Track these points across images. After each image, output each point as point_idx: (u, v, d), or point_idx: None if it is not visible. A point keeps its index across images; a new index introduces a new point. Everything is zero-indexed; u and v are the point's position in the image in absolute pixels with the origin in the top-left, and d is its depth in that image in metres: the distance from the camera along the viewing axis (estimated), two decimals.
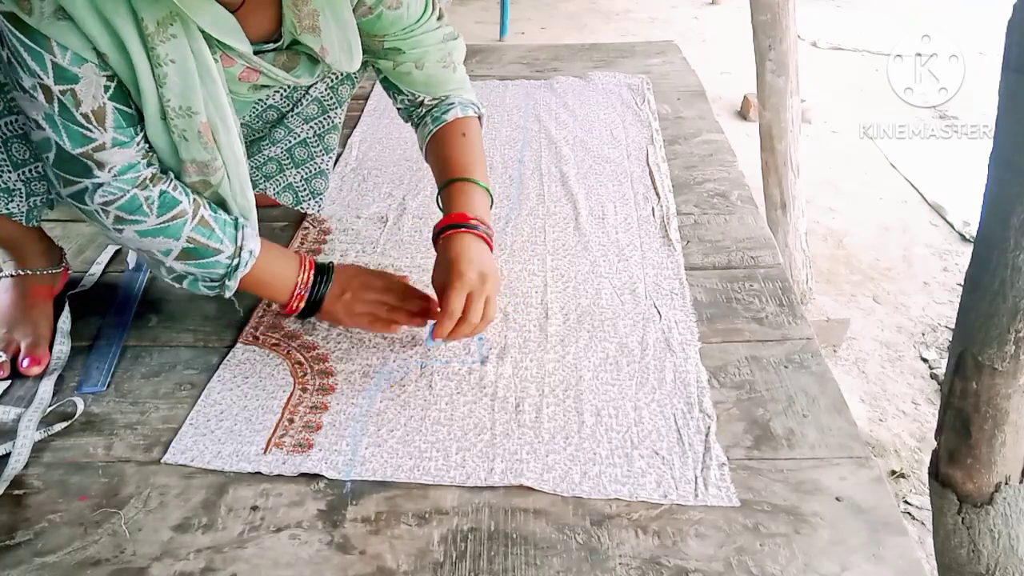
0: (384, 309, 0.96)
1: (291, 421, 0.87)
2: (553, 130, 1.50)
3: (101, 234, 0.90)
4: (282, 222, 1.24)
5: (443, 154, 1.01)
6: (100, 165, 0.79)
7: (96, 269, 1.12)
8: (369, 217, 1.25)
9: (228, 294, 0.91)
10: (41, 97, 0.74)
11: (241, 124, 1.06)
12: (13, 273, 0.99)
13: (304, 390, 0.91)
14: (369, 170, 1.39)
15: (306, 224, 1.23)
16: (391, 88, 1.05)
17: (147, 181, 0.83)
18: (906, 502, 1.62)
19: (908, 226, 2.54)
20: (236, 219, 0.90)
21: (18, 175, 0.89)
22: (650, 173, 1.35)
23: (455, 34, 0.99)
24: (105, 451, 0.84)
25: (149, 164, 0.83)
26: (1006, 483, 0.89)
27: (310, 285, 0.93)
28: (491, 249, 0.94)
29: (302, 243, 1.18)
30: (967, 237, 2.44)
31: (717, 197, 1.30)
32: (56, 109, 0.75)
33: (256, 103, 1.09)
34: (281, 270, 0.93)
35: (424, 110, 1.04)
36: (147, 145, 0.83)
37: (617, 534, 0.74)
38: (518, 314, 1.03)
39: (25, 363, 0.93)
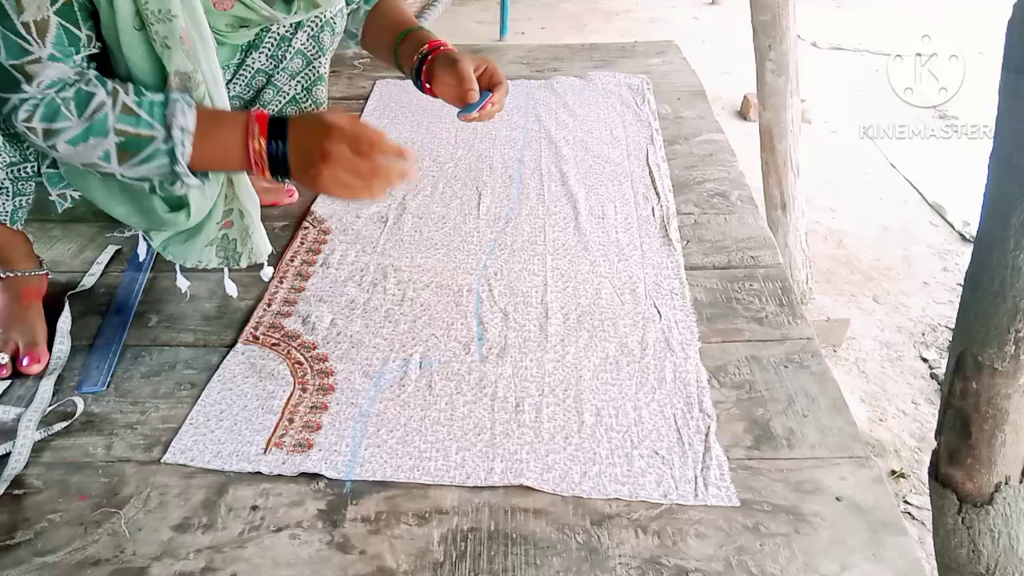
0: (358, 178, 0.83)
1: (291, 421, 0.87)
2: (553, 130, 1.50)
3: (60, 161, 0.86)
4: (282, 222, 1.24)
5: (394, 17, 1.13)
6: (29, 78, 0.76)
7: (96, 269, 1.12)
8: (369, 217, 1.25)
9: (190, 183, 0.83)
10: None
11: (232, 96, 1.07)
12: (4, 275, 0.99)
13: (304, 390, 0.91)
14: None
15: (306, 224, 1.23)
16: None
17: (67, 86, 0.79)
18: (906, 502, 1.62)
19: (908, 226, 2.54)
20: (166, 97, 0.82)
21: (6, 174, 0.89)
22: (650, 173, 1.35)
23: None
24: (105, 451, 0.84)
25: (79, 82, 0.79)
26: (1006, 483, 0.89)
27: (267, 155, 0.83)
28: None
29: (302, 243, 1.18)
30: (967, 237, 2.44)
31: (717, 197, 1.30)
32: None
33: (243, 68, 1.08)
34: (227, 142, 0.83)
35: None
36: (88, 69, 0.81)
37: (617, 534, 0.74)
38: (518, 314, 1.03)
39: (25, 361, 0.93)
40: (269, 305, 1.05)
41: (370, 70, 1.82)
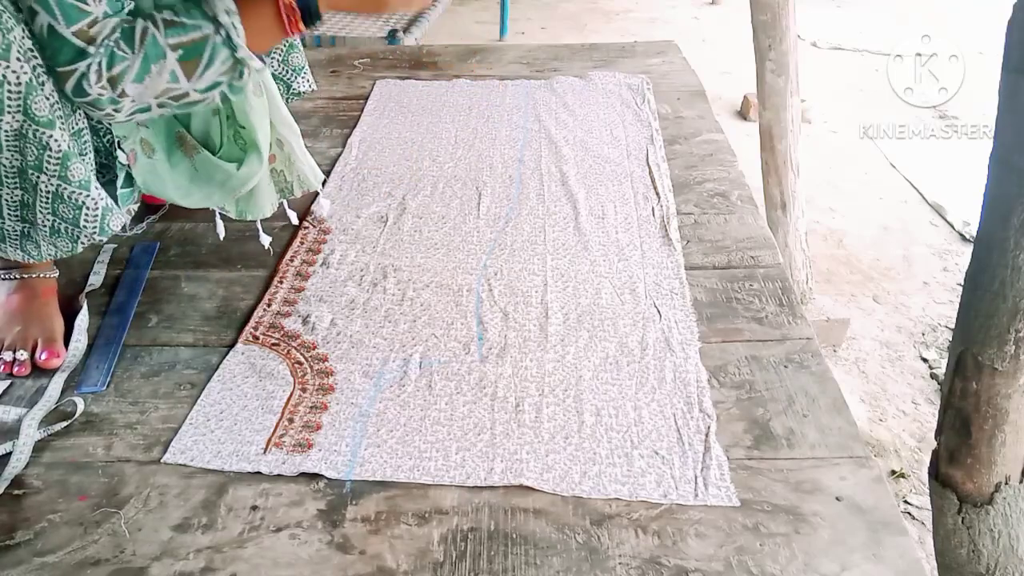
0: None
1: (291, 421, 0.87)
2: (553, 130, 1.50)
3: (131, 121, 0.86)
4: (282, 221, 1.24)
5: None
6: (91, 41, 0.78)
7: (100, 268, 1.12)
8: (369, 217, 1.25)
9: (255, 66, 0.88)
10: None
11: None
12: (21, 276, 1.00)
13: (304, 390, 0.91)
14: (369, 170, 1.39)
15: (306, 224, 1.23)
16: None
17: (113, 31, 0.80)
18: (906, 502, 1.62)
19: (908, 226, 2.55)
20: None
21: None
22: (650, 173, 1.35)
23: None
24: (105, 451, 0.84)
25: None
26: (1006, 483, 0.89)
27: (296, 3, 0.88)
28: None
29: (302, 243, 1.18)
30: (967, 237, 2.44)
31: (717, 197, 1.30)
32: None
33: None
34: (260, 8, 0.87)
35: None
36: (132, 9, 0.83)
37: (617, 534, 0.74)
38: (518, 314, 1.03)
39: (43, 356, 0.94)
40: (269, 305, 1.05)
41: (370, 70, 1.82)
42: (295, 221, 1.17)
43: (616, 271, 1.11)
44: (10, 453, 0.82)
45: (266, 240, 1.13)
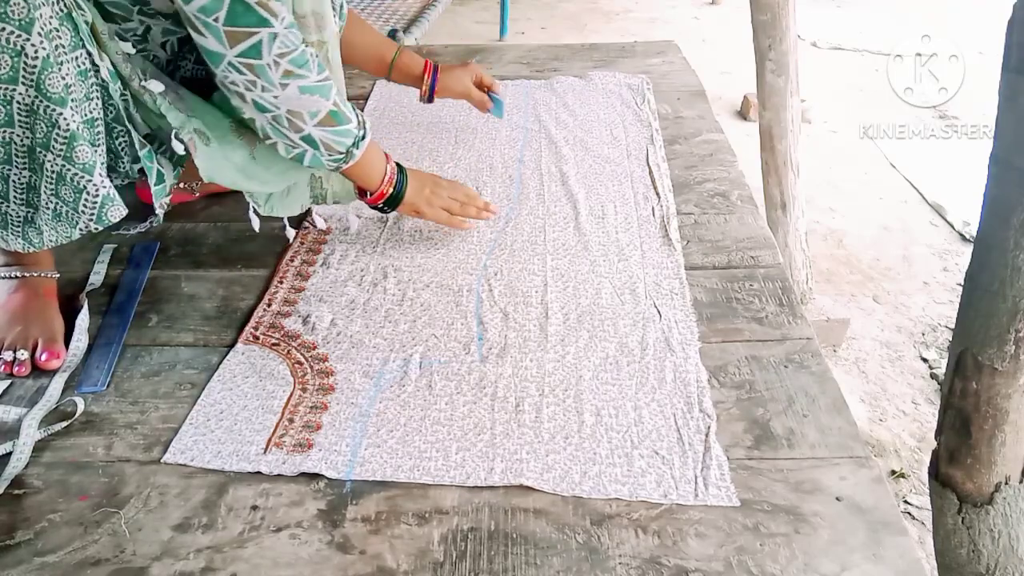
0: (457, 205, 1.14)
1: (291, 421, 0.87)
2: (553, 130, 1.50)
3: (250, 102, 0.91)
4: (282, 221, 1.24)
5: (371, 35, 1.32)
6: (274, 15, 0.85)
7: (100, 268, 1.12)
8: (369, 217, 1.25)
9: (349, 164, 1.00)
10: None
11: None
12: (21, 275, 1.00)
13: (304, 390, 0.91)
14: None
15: (306, 224, 1.23)
16: None
17: (304, 42, 0.90)
18: (906, 502, 1.62)
19: (908, 226, 2.54)
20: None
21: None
22: (650, 173, 1.35)
23: None
24: (105, 451, 0.84)
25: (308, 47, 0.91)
26: (1006, 483, 0.89)
27: (396, 174, 1.08)
28: None
29: (302, 243, 1.18)
30: (967, 237, 2.44)
31: (717, 197, 1.30)
32: None
33: None
34: (377, 154, 1.06)
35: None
36: None
37: (617, 534, 0.74)
38: (518, 314, 1.03)
39: (44, 357, 0.94)
40: (269, 305, 1.05)
41: None
42: (291, 238, 1.18)
43: (616, 271, 1.11)
44: (10, 453, 0.82)
45: (291, 233, 1.17)
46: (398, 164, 1.10)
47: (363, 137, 1.00)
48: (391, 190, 1.08)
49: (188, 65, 1.04)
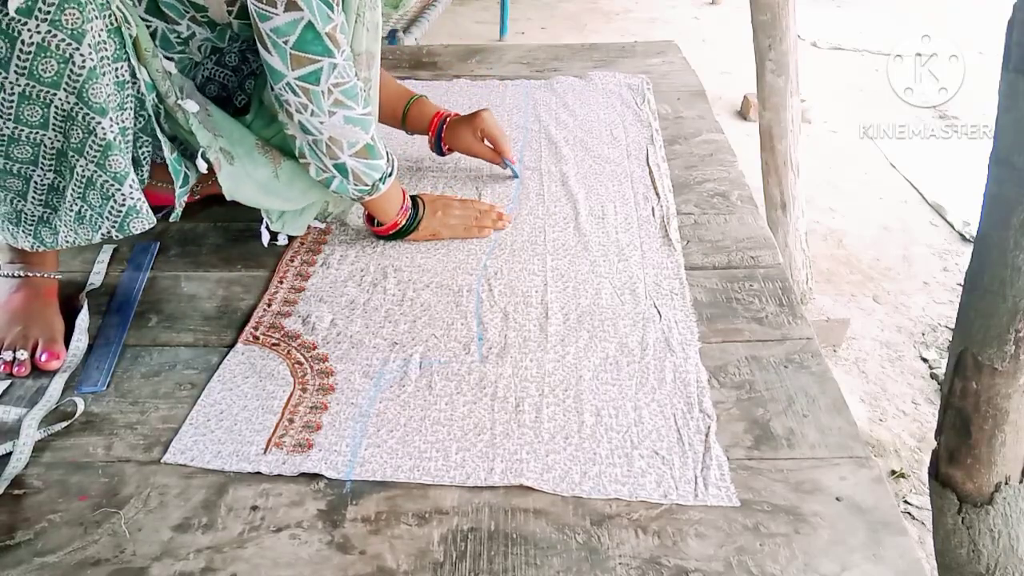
0: (472, 218, 1.19)
1: (291, 421, 0.87)
2: (553, 130, 1.50)
3: (296, 122, 0.95)
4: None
5: (392, 88, 1.33)
6: (338, 46, 0.90)
7: (100, 268, 1.12)
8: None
9: (375, 195, 1.05)
10: None
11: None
12: (24, 274, 1.00)
13: (304, 390, 0.91)
14: None
15: None
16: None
17: (356, 78, 0.95)
18: (906, 502, 1.62)
19: (908, 226, 2.54)
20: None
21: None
22: (650, 173, 1.35)
23: None
24: (105, 451, 0.84)
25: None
26: (1006, 483, 0.89)
27: (409, 208, 1.14)
28: None
29: (302, 243, 1.18)
30: (967, 237, 2.44)
31: (717, 197, 1.30)
32: None
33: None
34: (397, 190, 1.11)
35: None
36: None
37: (617, 534, 0.74)
38: (518, 314, 1.03)
39: (44, 357, 0.94)
40: (269, 305, 1.05)
41: None
42: (284, 242, 1.18)
43: (616, 271, 1.11)
44: (10, 453, 0.82)
45: (284, 239, 1.18)
46: (412, 198, 1.15)
47: (390, 174, 1.05)
48: (403, 222, 1.13)
49: (209, 64, 1.08)
